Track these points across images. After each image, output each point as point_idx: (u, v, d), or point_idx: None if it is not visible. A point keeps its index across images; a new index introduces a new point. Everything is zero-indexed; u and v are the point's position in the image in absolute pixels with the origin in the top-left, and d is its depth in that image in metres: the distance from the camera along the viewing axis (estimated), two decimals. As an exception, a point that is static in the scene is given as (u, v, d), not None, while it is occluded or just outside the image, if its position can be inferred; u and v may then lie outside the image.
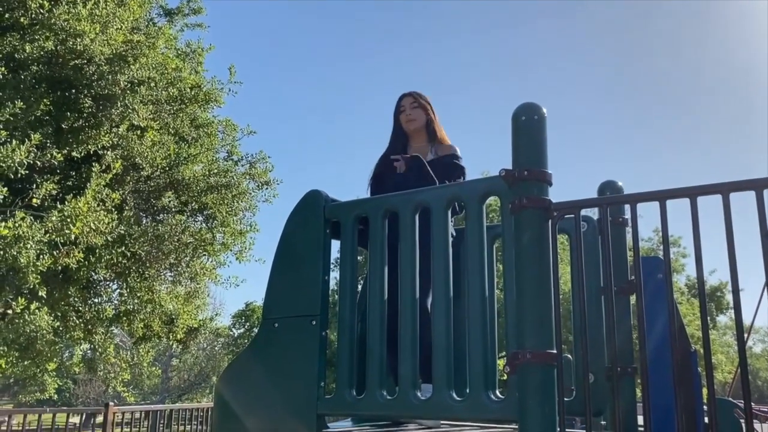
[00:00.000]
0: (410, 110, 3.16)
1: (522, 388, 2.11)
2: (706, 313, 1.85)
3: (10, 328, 5.18)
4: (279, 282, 3.01)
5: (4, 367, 6.45)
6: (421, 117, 3.16)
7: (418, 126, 3.16)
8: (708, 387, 2.36)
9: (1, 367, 6.30)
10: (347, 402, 2.67)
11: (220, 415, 3.30)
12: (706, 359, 1.91)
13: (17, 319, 5.16)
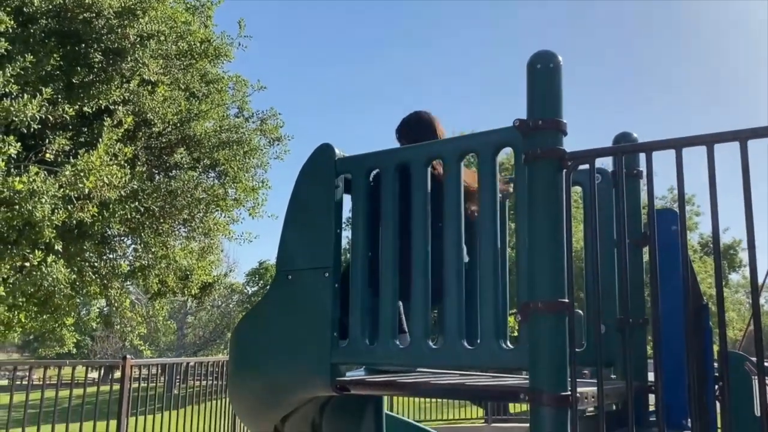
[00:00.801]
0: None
1: (533, 336, 2.13)
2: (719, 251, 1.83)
3: (28, 281, 5.27)
4: (292, 235, 3.04)
5: (24, 321, 6.59)
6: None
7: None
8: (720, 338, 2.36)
9: (21, 321, 6.44)
10: (360, 351, 2.71)
11: (236, 364, 3.37)
12: (718, 306, 1.90)
13: (34, 271, 5.24)
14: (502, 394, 2.67)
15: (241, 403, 3.52)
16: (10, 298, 5.40)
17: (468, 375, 3.31)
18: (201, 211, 7.34)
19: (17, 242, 5.20)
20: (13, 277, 5.16)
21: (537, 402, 2.07)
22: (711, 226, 1.81)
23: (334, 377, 2.76)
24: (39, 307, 6.29)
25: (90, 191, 5.31)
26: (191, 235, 7.86)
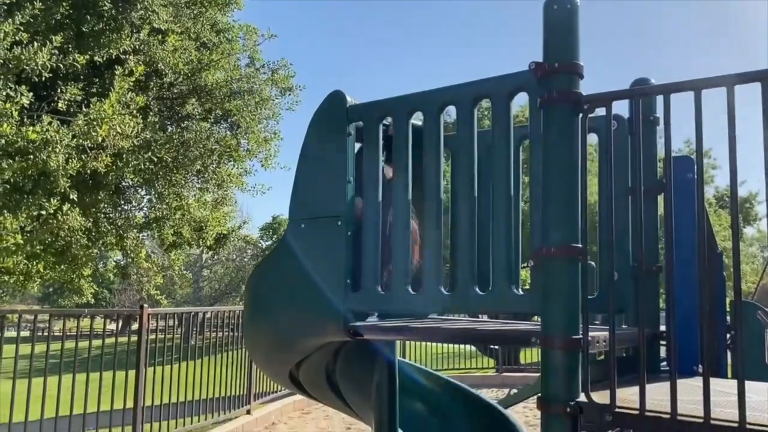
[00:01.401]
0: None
1: (545, 281, 2.13)
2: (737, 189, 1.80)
3: (44, 228, 5.34)
4: (304, 183, 3.04)
5: (43, 272, 6.70)
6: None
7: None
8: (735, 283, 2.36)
9: (40, 271, 6.55)
10: (374, 298, 2.74)
11: (251, 312, 3.42)
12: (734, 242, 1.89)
13: (51, 220, 5.30)
14: (513, 339, 2.70)
15: (257, 350, 3.60)
16: (28, 246, 5.48)
17: (479, 321, 3.34)
18: (214, 162, 7.35)
19: (33, 192, 5.25)
20: (30, 226, 5.24)
21: (548, 345, 2.08)
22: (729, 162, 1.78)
23: (347, 323, 2.79)
24: (57, 257, 6.39)
25: (103, 140, 5.32)
26: (205, 187, 7.90)
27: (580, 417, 2.05)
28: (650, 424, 1.90)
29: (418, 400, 4.13)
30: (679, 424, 1.82)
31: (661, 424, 1.86)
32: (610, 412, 1.96)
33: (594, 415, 2.00)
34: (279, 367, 3.60)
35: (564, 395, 2.04)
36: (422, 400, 4.14)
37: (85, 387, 5.73)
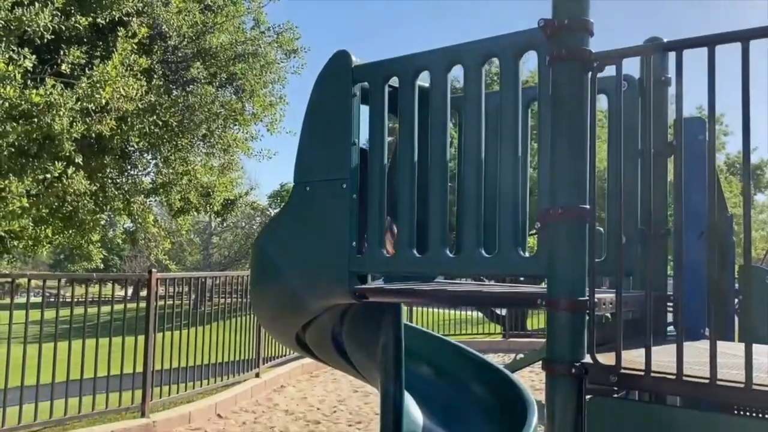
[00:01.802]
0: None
1: (552, 242, 2.11)
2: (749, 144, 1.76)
3: (50, 192, 5.34)
4: (309, 146, 3.01)
5: (51, 237, 6.74)
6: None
7: None
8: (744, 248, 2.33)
9: (48, 236, 6.58)
10: (379, 260, 2.73)
11: (257, 274, 3.42)
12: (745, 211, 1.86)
13: (55, 183, 5.29)
14: (519, 301, 2.68)
15: (263, 312, 3.61)
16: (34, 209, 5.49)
17: (485, 285, 3.34)
18: (219, 127, 7.29)
19: (38, 156, 5.24)
20: (35, 189, 5.23)
21: (554, 307, 2.07)
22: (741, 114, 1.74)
23: (353, 285, 2.79)
24: (64, 221, 6.41)
25: (107, 103, 5.27)
26: (211, 152, 7.86)
27: (585, 378, 2.05)
28: (655, 385, 1.89)
29: (424, 363, 4.16)
30: (684, 385, 1.81)
31: (666, 384, 1.86)
32: (616, 373, 1.95)
33: (599, 376, 2.00)
34: (285, 329, 3.62)
35: (569, 356, 2.04)
36: (428, 363, 4.17)
37: (95, 352, 5.81)
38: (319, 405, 7.48)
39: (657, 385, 1.89)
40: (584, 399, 2.07)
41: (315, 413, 7.06)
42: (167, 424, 6.09)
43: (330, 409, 7.25)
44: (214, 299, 8.57)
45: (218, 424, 6.53)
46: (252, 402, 7.59)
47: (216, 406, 6.93)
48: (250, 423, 6.60)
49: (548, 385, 2.10)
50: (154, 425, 5.85)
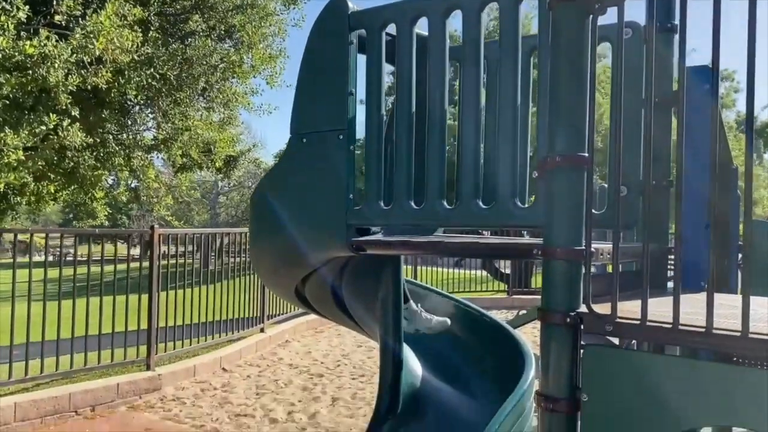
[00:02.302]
0: None
1: (550, 192, 2.07)
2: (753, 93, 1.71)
3: (46, 144, 5.29)
4: (305, 96, 2.95)
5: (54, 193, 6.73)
6: None
7: None
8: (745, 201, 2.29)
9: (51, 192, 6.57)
10: (376, 212, 2.70)
11: (255, 228, 3.41)
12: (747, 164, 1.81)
13: (51, 135, 5.24)
14: (515, 252, 2.66)
15: (262, 266, 3.61)
16: (30, 162, 5.45)
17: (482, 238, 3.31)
18: (218, 80, 7.18)
19: (34, 108, 5.18)
20: (31, 142, 5.17)
21: (550, 256, 2.04)
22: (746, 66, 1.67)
23: (350, 238, 2.77)
24: (65, 177, 6.38)
25: (102, 54, 5.18)
26: (210, 106, 7.77)
27: (580, 328, 2.04)
28: (651, 334, 1.88)
29: (424, 317, 4.16)
30: (680, 334, 1.79)
31: (662, 333, 1.84)
32: (611, 322, 1.94)
33: (594, 325, 1.98)
34: (285, 283, 3.62)
35: (564, 305, 2.02)
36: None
37: (99, 310, 5.86)
38: (323, 359, 7.58)
39: (653, 334, 1.87)
40: (579, 349, 2.07)
41: (319, 367, 7.16)
42: (172, 377, 6.18)
43: (334, 363, 7.34)
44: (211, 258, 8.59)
45: (223, 377, 6.63)
46: (257, 356, 7.69)
47: (221, 360, 7.03)
48: (255, 376, 6.70)
49: (543, 335, 2.09)
50: (159, 378, 5.94)
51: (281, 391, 6.08)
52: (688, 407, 1.81)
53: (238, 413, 5.35)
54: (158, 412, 5.37)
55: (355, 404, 5.67)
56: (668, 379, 1.82)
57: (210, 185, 38.53)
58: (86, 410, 5.24)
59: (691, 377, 1.79)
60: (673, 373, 1.82)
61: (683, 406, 1.81)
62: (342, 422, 5.15)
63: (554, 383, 2.04)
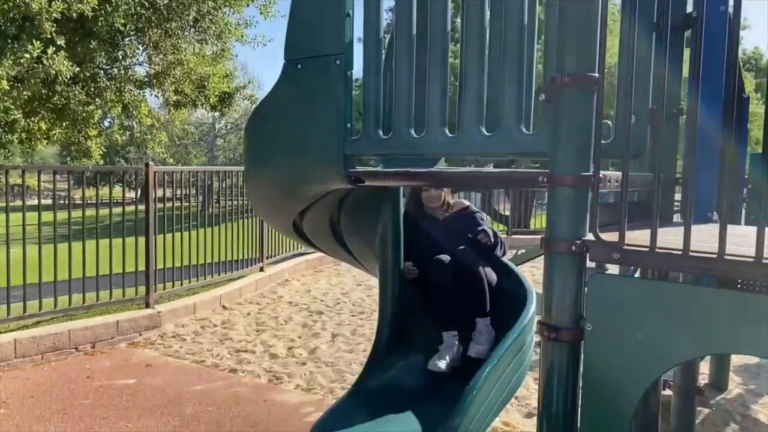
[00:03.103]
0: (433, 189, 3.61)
1: (558, 115, 1.97)
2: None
3: (31, 74, 5.12)
4: (300, 18, 2.81)
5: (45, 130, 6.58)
6: (439, 198, 3.63)
7: (438, 204, 3.65)
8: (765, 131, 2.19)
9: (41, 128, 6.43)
10: (374, 141, 2.60)
11: (250, 160, 3.30)
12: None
13: (36, 64, 5.06)
14: (520, 181, 2.57)
15: (259, 200, 3.53)
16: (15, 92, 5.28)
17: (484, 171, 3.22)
18: (210, 9, 6.91)
19: (18, 37, 4.98)
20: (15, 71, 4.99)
21: (556, 183, 1.96)
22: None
23: (348, 168, 2.68)
24: (56, 113, 6.22)
25: (86, -21, 4.94)
26: (203, 38, 7.51)
27: (586, 256, 1.97)
28: (661, 261, 1.81)
29: (423, 252, 4.11)
30: (691, 260, 1.73)
31: (672, 260, 1.77)
32: (618, 250, 1.87)
33: (601, 253, 1.92)
34: (282, 216, 3.55)
35: (570, 233, 1.95)
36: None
37: (96, 253, 5.81)
38: (323, 297, 7.61)
39: (663, 261, 1.81)
40: (584, 277, 2.01)
41: (318, 305, 7.19)
42: (172, 315, 6.20)
43: (333, 301, 7.37)
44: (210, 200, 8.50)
45: (223, 314, 6.66)
46: (256, 294, 7.72)
47: (220, 298, 7.05)
48: (255, 313, 6.73)
49: (547, 264, 2.03)
50: (159, 316, 5.95)
51: (281, 328, 6.11)
52: (695, 335, 1.76)
53: (239, 349, 5.38)
54: (158, 349, 5.40)
55: (354, 340, 5.70)
56: (676, 307, 1.76)
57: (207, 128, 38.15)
58: (86, 347, 5.27)
59: (700, 305, 1.74)
60: (681, 301, 1.76)
61: (690, 334, 1.76)
62: (342, 357, 5.19)
63: (558, 313, 2.00)
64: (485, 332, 3.29)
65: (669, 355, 1.84)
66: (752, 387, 4.57)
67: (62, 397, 4.19)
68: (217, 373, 4.79)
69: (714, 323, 1.72)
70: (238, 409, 4.04)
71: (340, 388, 4.43)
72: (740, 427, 3.84)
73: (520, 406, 4.07)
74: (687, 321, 1.76)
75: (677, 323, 1.77)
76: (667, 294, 1.80)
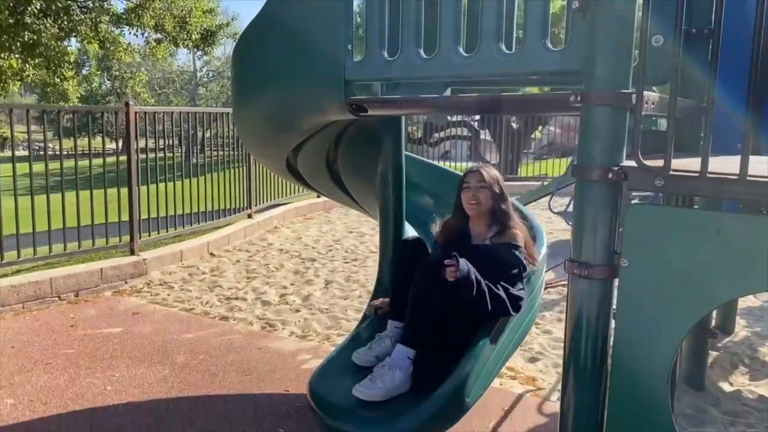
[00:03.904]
0: (475, 191, 2.68)
1: (591, 27, 1.73)
2: None
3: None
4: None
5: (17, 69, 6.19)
6: (487, 201, 2.68)
7: (483, 210, 2.70)
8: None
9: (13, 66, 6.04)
10: (378, 65, 2.34)
11: (240, 89, 3.03)
12: None
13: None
14: (546, 103, 2.34)
15: (249, 133, 3.26)
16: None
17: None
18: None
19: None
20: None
21: (591, 101, 1.73)
22: None
23: (348, 96, 2.42)
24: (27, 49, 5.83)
25: None
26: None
27: (622, 185, 1.76)
28: (713, 187, 1.60)
29: (425, 193, 3.91)
30: (750, 185, 1.52)
31: (727, 186, 1.57)
32: (663, 176, 1.66)
33: (642, 180, 1.70)
34: (274, 153, 3.30)
35: (607, 159, 1.73)
36: (429, 194, 3.92)
37: (76, 204, 5.53)
38: (314, 244, 7.42)
39: (716, 187, 1.60)
40: (620, 209, 1.81)
41: (310, 252, 7.00)
42: (158, 262, 5.99)
43: (325, 248, 7.18)
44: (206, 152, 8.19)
45: (211, 262, 6.46)
46: (245, 242, 7.51)
47: (208, 245, 6.83)
48: (245, 261, 6.53)
49: (579, 195, 1.82)
50: (144, 263, 5.73)
51: (272, 275, 5.92)
52: (746, 270, 1.57)
53: (229, 296, 5.20)
54: (145, 297, 5.20)
55: (349, 286, 5.54)
56: (727, 238, 1.57)
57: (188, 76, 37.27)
58: (69, 295, 5.05)
59: (755, 235, 1.54)
60: (733, 232, 1.57)
61: (741, 268, 1.57)
62: (336, 303, 5.02)
63: (589, 248, 1.79)
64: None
65: (715, 294, 1.66)
66: (758, 329, 4.47)
67: (45, 347, 3.99)
68: (208, 320, 4.61)
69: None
70: (231, 356, 3.87)
71: (337, 335, 4.28)
72: (749, 370, 3.74)
73: (523, 351, 3.94)
74: (741, 254, 1.56)
75: (730, 258, 1.58)
76: (718, 224, 1.59)
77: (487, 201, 2.69)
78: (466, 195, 2.71)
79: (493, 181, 2.74)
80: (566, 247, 1.91)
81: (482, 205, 2.69)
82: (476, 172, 2.74)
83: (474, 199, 2.68)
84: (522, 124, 16.32)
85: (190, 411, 3.14)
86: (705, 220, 1.61)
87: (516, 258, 2.60)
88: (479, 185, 2.70)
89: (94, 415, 3.09)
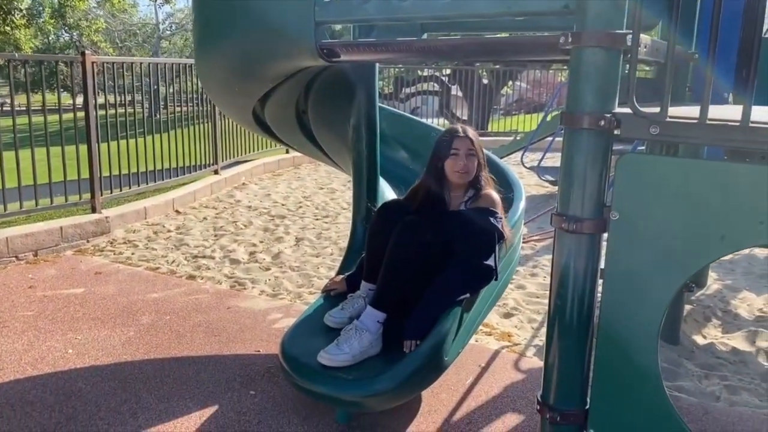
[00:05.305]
0: (465, 159, 2.55)
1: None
2: None
3: None
4: None
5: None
6: (474, 169, 2.58)
7: (469, 179, 2.59)
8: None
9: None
10: (352, 5, 2.17)
11: (202, 33, 2.83)
12: None
13: None
14: (533, 46, 2.20)
15: (213, 81, 3.06)
16: None
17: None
18: None
19: None
20: None
21: (583, 42, 1.61)
22: None
23: (319, 39, 2.26)
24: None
25: None
26: None
27: (614, 133, 1.66)
28: (712, 135, 1.51)
29: (400, 146, 3.77)
30: (752, 133, 1.43)
31: (729, 131, 1.47)
32: (658, 123, 1.55)
33: (636, 128, 1.60)
34: (239, 102, 3.11)
35: (599, 105, 1.62)
36: (404, 147, 3.78)
37: (31, 159, 5.23)
38: (284, 201, 7.24)
39: (715, 134, 1.50)
40: (610, 158, 1.70)
41: (280, 209, 6.83)
42: (121, 220, 5.76)
43: (295, 205, 7.02)
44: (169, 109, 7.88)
45: (177, 219, 6.25)
46: (212, 198, 7.30)
47: (173, 202, 6.61)
48: (212, 218, 6.34)
49: (567, 144, 1.71)
50: (107, 221, 5.51)
51: (241, 233, 5.76)
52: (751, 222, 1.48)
53: (196, 255, 5.03)
54: (108, 256, 5.00)
55: (320, 244, 5.41)
56: (733, 189, 1.48)
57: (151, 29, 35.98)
58: (27, 255, 4.83)
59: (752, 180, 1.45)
60: (731, 181, 1.48)
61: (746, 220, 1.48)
62: (308, 261, 4.90)
63: (578, 201, 1.69)
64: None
65: (713, 247, 1.57)
66: (729, 282, 4.50)
67: (1, 310, 3.81)
68: (174, 279, 4.45)
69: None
70: (198, 317, 3.74)
71: (308, 293, 4.17)
72: (722, 323, 3.75)
73: (497, 307, 3.89)
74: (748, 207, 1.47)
75: (734, 209, 1.49)
76: (717, 173, 1.50)
77: (474, 169, 2.58)
78: (454, 163, 2.56)
79: (479, 146, 2.63)
80: (539, 202, 1.82)
81: (470, 173, 2.58)
82: (465, 138, 2.59)
83: (464, 168, 2.56)
84: (492, 79, 16.12)
85: (156, 373, 3.02)
86: (711, 170, 1.51)
87: (492, 225, 2.49)
88: (469, 152, 2.58)
89: (55, 379, 2.95)
